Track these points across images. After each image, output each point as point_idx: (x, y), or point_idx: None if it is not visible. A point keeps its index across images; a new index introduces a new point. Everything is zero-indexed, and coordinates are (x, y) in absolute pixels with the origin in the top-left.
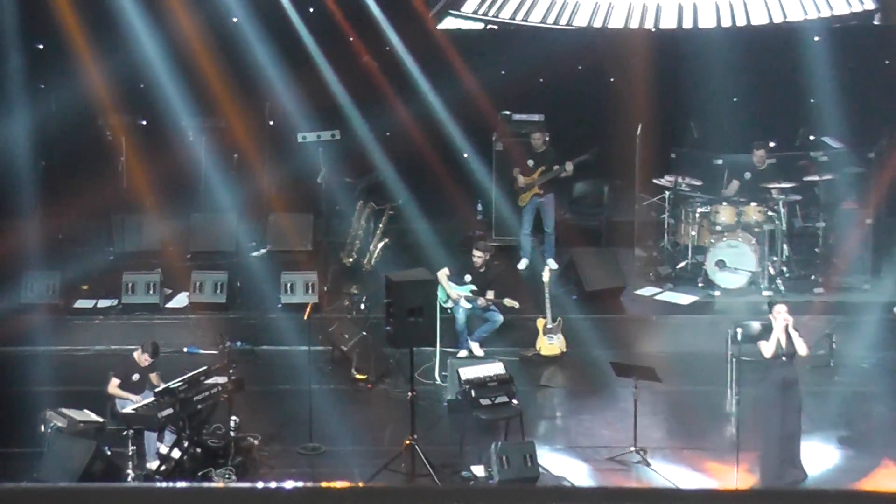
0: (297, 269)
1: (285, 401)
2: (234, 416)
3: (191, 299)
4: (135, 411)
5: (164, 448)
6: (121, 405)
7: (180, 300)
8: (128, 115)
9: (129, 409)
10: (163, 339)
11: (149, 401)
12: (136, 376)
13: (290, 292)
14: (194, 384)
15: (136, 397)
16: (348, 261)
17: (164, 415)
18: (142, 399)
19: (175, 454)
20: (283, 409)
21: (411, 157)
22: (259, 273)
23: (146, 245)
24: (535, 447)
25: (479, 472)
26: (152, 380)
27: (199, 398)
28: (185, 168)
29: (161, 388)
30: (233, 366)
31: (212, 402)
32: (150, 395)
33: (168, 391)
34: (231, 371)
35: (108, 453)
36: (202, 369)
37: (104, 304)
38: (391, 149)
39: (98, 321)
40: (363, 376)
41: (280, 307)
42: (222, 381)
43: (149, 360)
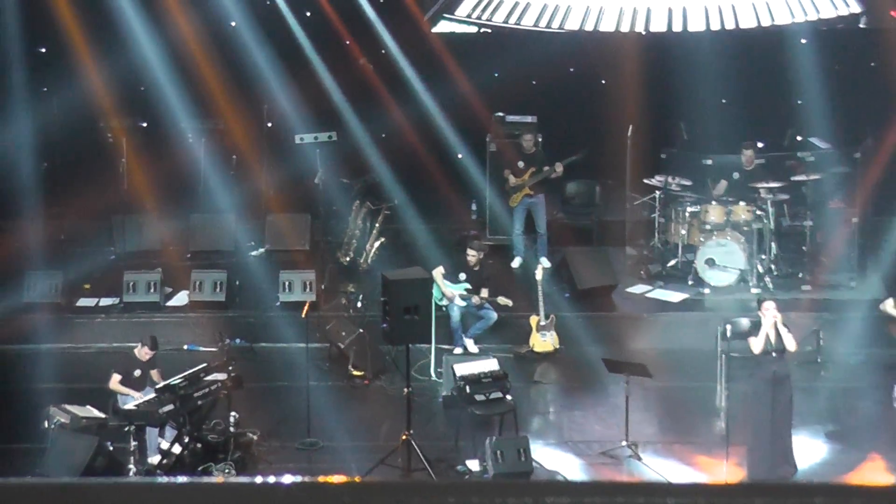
0: (294, 268)
1: (283, 397)
2: (233, 412)
3: (191, 298)
4: (136, 407)
5: (165, 443)
6: (122, 401)
7: (180, 299)
8: (128, 117)
9: (130, 406)
10: (163, 336)
11: (150, 397)
12: (137, 372)
13: (288, 291)
14: (194, 381)
15: (137, 394)
16: (345, 260)
17: (165, 411)
18: (143, 395)
19: (176, 449)
20: (281, 405)
21: (407, 158)
22: (257, 272)
23: (147, 245)
24: (529, 442)
25: (474, 466)
26: (153, 376)
27: (199, 395)
28: (184, 169)
29: (162, 384)
30: (232, 363)
31: (211, 398)
32: (151, 391)
33: (168, 388)
34: (230, 368)
35: (111, 449)
36: (202, 366)
37: (106, 302)
38: (387, 150)
39: (100, 319)
40: (360, 373)
41: (278, 305)
42: (222, 377)
43: (149, 353)
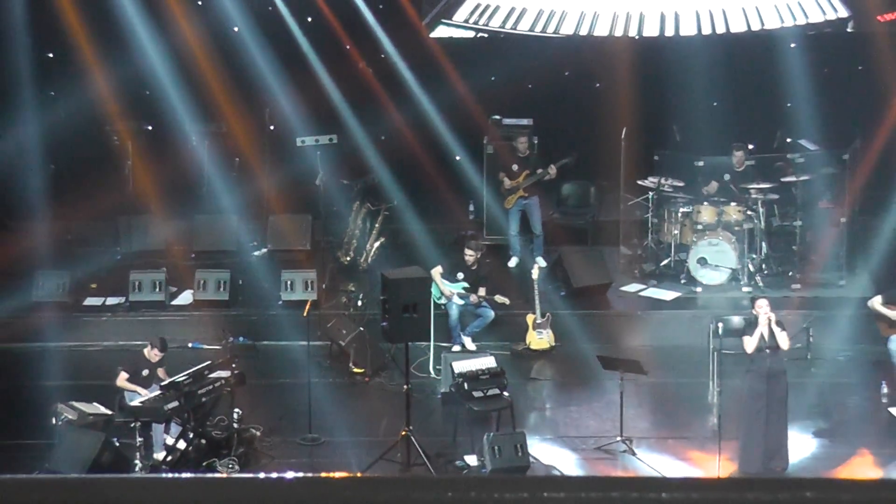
0: (296, 267)
1: (285, 394)
2: (236, 409)
3: (195, 297)
4: (142, 404)
5: (171, 439)
6: (129, 398)
7: (185, 298)
8: (134, 120)
9: (136, 402)
10: (168, 334)
11: (155, 394)
12: (145, 371)
13: (290, 290)
14: (198, 378)
15: (143, 391)
16: (345, 259)
17: (170, 407)
18: (149, 393)
19: (180, 445)
20: (283, 401)
21: (406, 159)
22: (260, 271)
23: (152, 245)
24: (526, 437)
25: (471, 461)
26: (159, 374)
27: (204, 391)
28: (188, 171)
29: (167, 381)
30: (235, 360)
31: (215, 395)
32: (157, 388)
33: (173, 385)
34: (234, 365)
35: (117, 444)
36: (206, 364)
37: (112, 301)
38: (386, 152)
39: (106, 318)
40: (360, 370)
41: (280, 304)
42: (225, 374)
43: (158, 355)
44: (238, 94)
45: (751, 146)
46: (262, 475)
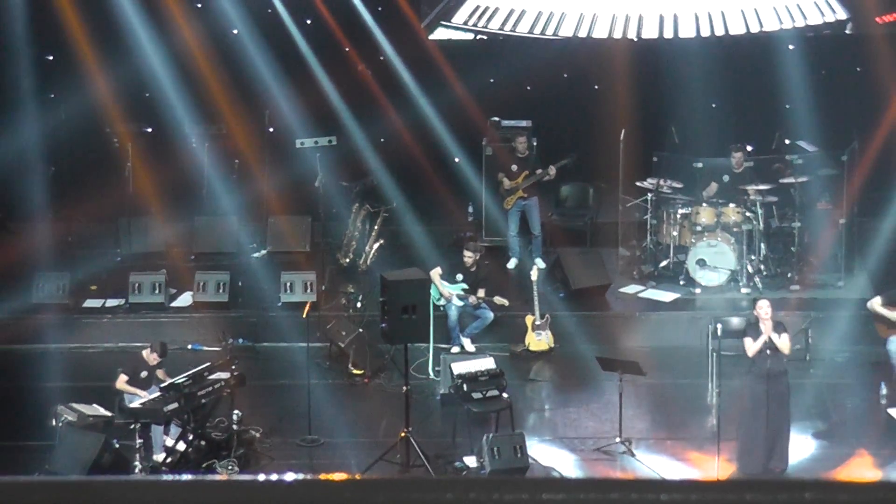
0: (295, 269)
1: (285, 395)
2: (236, 410)
3: (194, 298)
4: (142, 406)
5: (170, 441)
6: (129, 400)
7: (184, 299)
8: (134, 123)
9: (136, 404)
10: (168, 336)
11: (155, 395)
12: (144, 373)
13: (290, 291)
14: (198, 379)
15: (143, 393)
16: (345, 261)
17: (170, 409)
18: (149, 395)
19: (180, 447)
20: (282, 403)
21: (405, 161)
22: (259, 273)
23: (152, 247)
24: (525, 438)
25: (471, 462)
26: (159, 376)
27: (203, 393)
28: (188, 173)
29: (167, 383)
30: (235, 362)
31: (215, 396)
32: (156, 390)
33: (173, 386)
34: (233, 367)
35: (117, 446)
36: (206, 365)
37: (112, 303)
38: (386, 154)
39: (106, 320)
40: (360, 371)
41: (280, 306)
42: (225, 376)
43: (157, 359)
44: (237, 96)
45: (749, 147)
46: (261, 476)
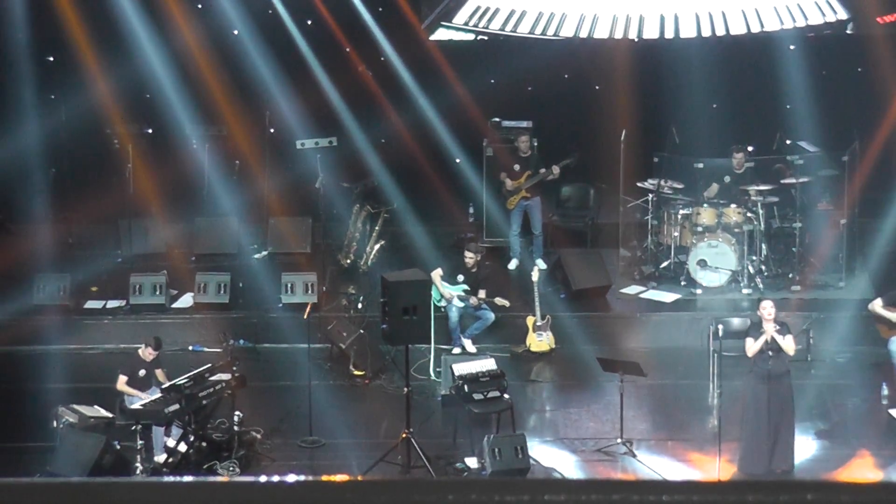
0: (296, 270)
1: (286, 396)
2: (237, 411)
3: (195, 299)
4: (142, 407)
5: (171, 442)
6: (129, 401)
7: (185, 300)
8: (134, 124)
9: (137, 405)
10: (169, 337)
11: (156, 397)
12: (142, 372)
13: (290, 292)
14: (199, 381)
15: (143, 394)
16: (346, 262)
17: (171, 410)
18: (149, 395)
19: (181, 448)
20: (283, 404)
21: (405, 162)
22: (260, 274)
23: (152, 248)
24: (526, 439)
25: (472, 463)
26: (158, 376)
27: (204, 394)
28: (189, 174)
29: (167, 384)
30: (236, 363)
31: (216, 397)
32: (156, 391)
33: (174, 387)
34: (234, 368)
35: (118, 447)
36: (206, 366)
37: (113, 304)
38: (386, 155)
39: (107, 321)
40: (360, 372)
41: (280, 307)
42: (226, 377)
43: (153, 353)
44: (238, 97)
45: (750, 148)
46: (262, 478)
